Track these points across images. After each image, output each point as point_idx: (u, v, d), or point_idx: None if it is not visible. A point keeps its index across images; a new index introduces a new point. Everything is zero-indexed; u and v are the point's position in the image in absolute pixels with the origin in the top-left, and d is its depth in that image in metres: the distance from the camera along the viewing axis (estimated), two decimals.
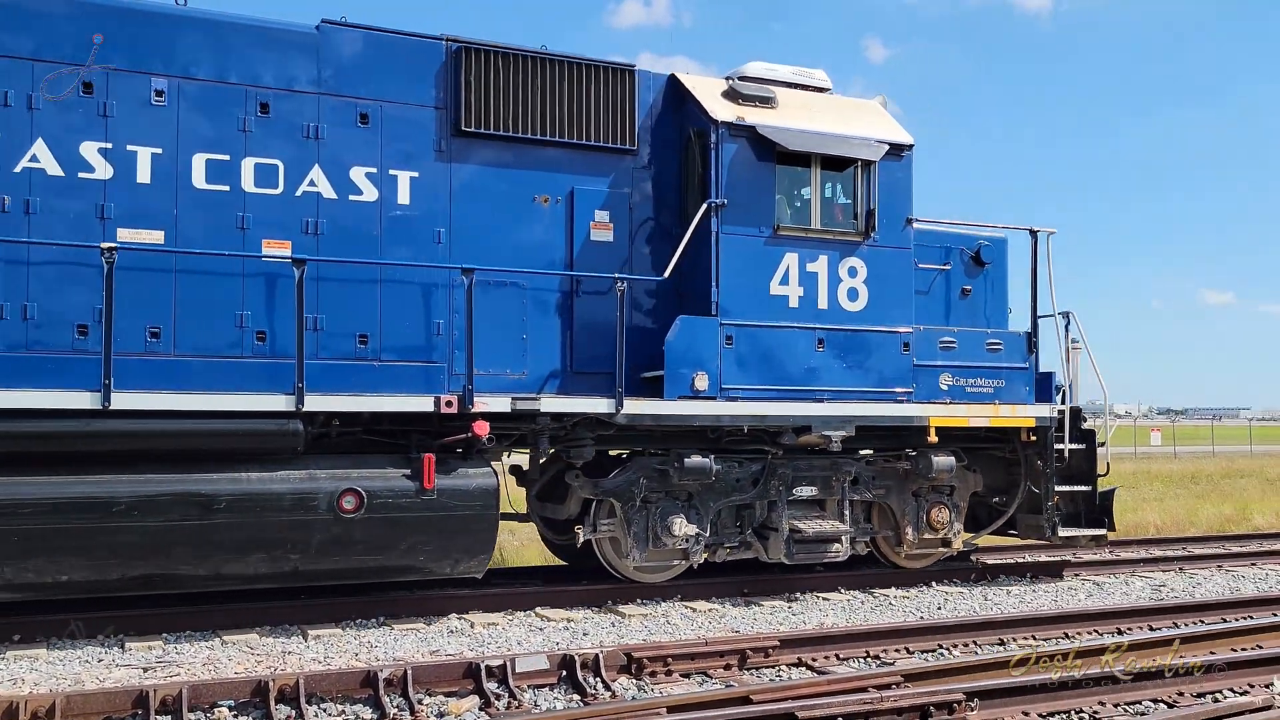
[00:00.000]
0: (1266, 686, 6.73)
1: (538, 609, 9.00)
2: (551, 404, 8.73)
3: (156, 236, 8.00)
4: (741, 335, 9.34)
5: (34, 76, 7.76)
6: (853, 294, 9.84)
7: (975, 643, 7.96)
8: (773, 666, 7.13)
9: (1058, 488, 10.74)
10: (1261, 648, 7.45)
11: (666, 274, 9.19)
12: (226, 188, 8.24)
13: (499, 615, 8.75)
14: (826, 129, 9.79)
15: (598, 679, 6.59)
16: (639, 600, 9.32)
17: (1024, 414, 10.58)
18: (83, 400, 7.40)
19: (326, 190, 8.54)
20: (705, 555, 9.57)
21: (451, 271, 8.78)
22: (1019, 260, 11.17)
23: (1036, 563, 11.65)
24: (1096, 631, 8.38)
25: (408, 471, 8.26)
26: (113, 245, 7.50)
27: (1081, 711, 6.20)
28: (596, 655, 6.70)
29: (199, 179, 8.17)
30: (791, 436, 9.61)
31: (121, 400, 7.43)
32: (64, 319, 7.77)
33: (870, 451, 10.26)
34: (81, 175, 7.86)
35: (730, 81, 9.87)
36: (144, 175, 8.02)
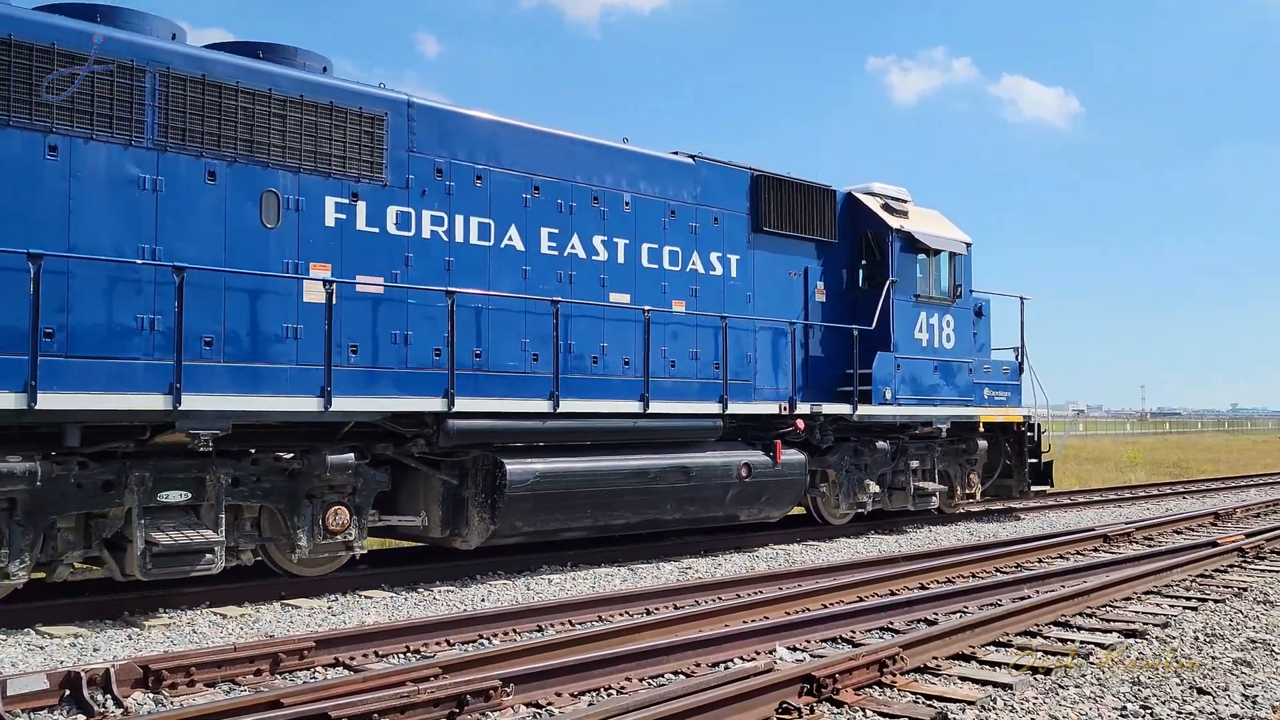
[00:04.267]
0: (770, 653, 7.55)
1: (38, 626, 8.47)
2: (828, 408, 14.31)
3: (625, 298, 12.72)
4: (903, 364, 15.39)
5: (573, 191, 12.26)
6: (948, 338, 16.21)
7: (515, 630, 8.29)
8: (308, 669, 7.08)
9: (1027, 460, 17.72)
10: (767, 618, 8.50)
11: (873, 325, 15.02)
12: (656, 266, 13.10)
13: None
14: (937, 232, 16.10)
15: (108, 696, 6.22)
16: (162, 610, 9.16)
17: (1018, 414, 17.49)
18: (633, 407, 12.11)
19: (699, 268, 13.59)
20: (872, 506, 15.47)
21: (756, 319, 14.08)
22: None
23: (989, 508, 18.57)
24: (628, 613, 9.04)
25: (763, 451, 13.53)
26: (647, 308, 12.25)
27: (610, 687, 6.63)
28: (107, 670, 6.33)
29: (645, 260, 12.98)
30: (920, 428, 15.79)
31: (660, 406, 12.23)
32: (586, 352, 12.31)
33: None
34: (593, 258, 12.46)
35: (881, 198, 15.86)
36: (620, 257, 12.73)
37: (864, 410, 14.69)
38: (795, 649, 7.79)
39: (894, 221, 15.50)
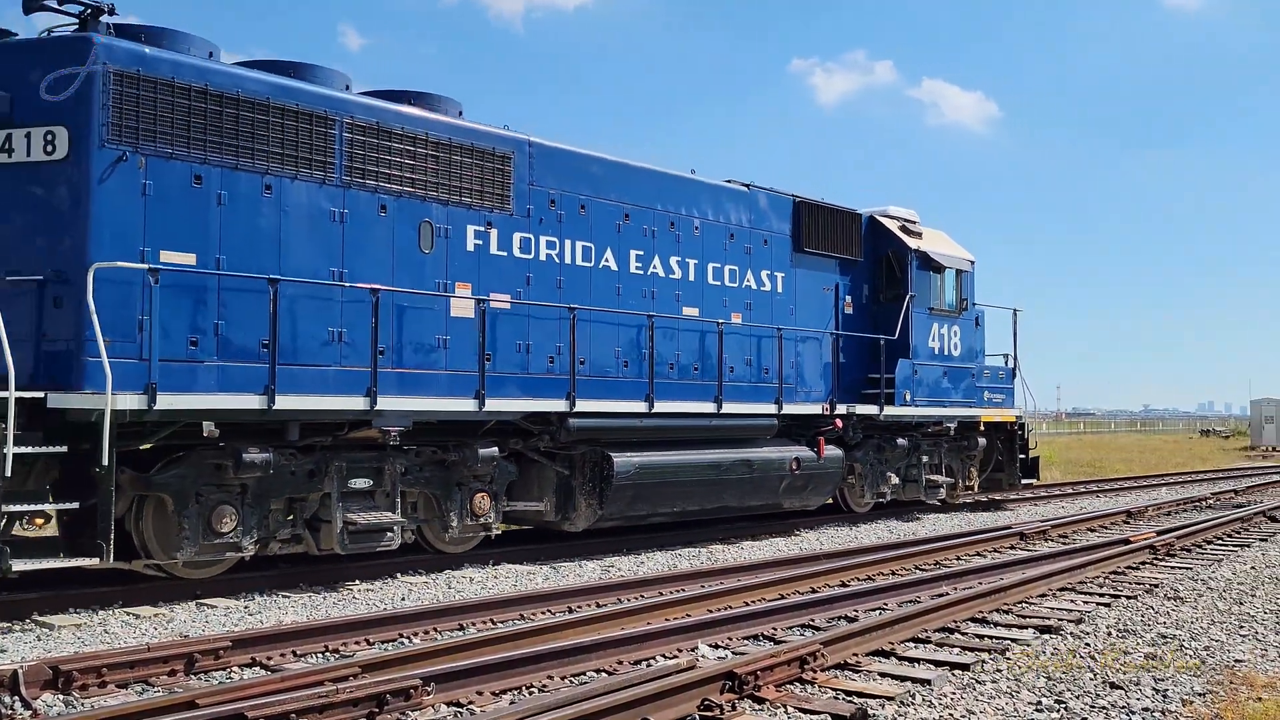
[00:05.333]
0: (692, 650, 7.59)
1: None
2: (859, 409, 16.32)
3: (695, 312, 14.58)
4: (920, 369, 17.47)
5: (654, 218, 14.09)
6: (955, 345, 18.34)
7: (436, 629, 8.24)
8: (224, 669, 7.03)
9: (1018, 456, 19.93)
10: (690, 616, 8.58)
11: (896, 335, 17.06)
12: (719, 283, 15.00)
13: None
14: (947, 251, 18.22)
15: (15, 698, 6.16)
16: (72, 610, 9.07)
17: (1012, 414, 19.69)
18: (709, 408, 14.00)
19: (752, 284, 15.52)
20: (891, 496, 17.51)
21: (799, 330, 16.04)
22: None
23: (992, 499, 20.76)
24: (550, 611, 9.07)
25: (808, 447, 15.49)
26: (720, 321, 14.15)
27: (531, 686, 6.61)
28: (15, 671, 6.26)
29: (709, 278, 14.87)
30: (932, 427, 17.87)
31: (730, 407, 14.13)
32: (664, 359, 14.15)
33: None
34: (670, 276, 14.31)
35: (898, 221, 17.92)
36: (691, 276, 14.60)
37: (889, 411, 16.72)
38: (717, 646, 7.83)
39: (912, 242, 17.57)
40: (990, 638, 8.24)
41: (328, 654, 7.55)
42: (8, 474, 8.19)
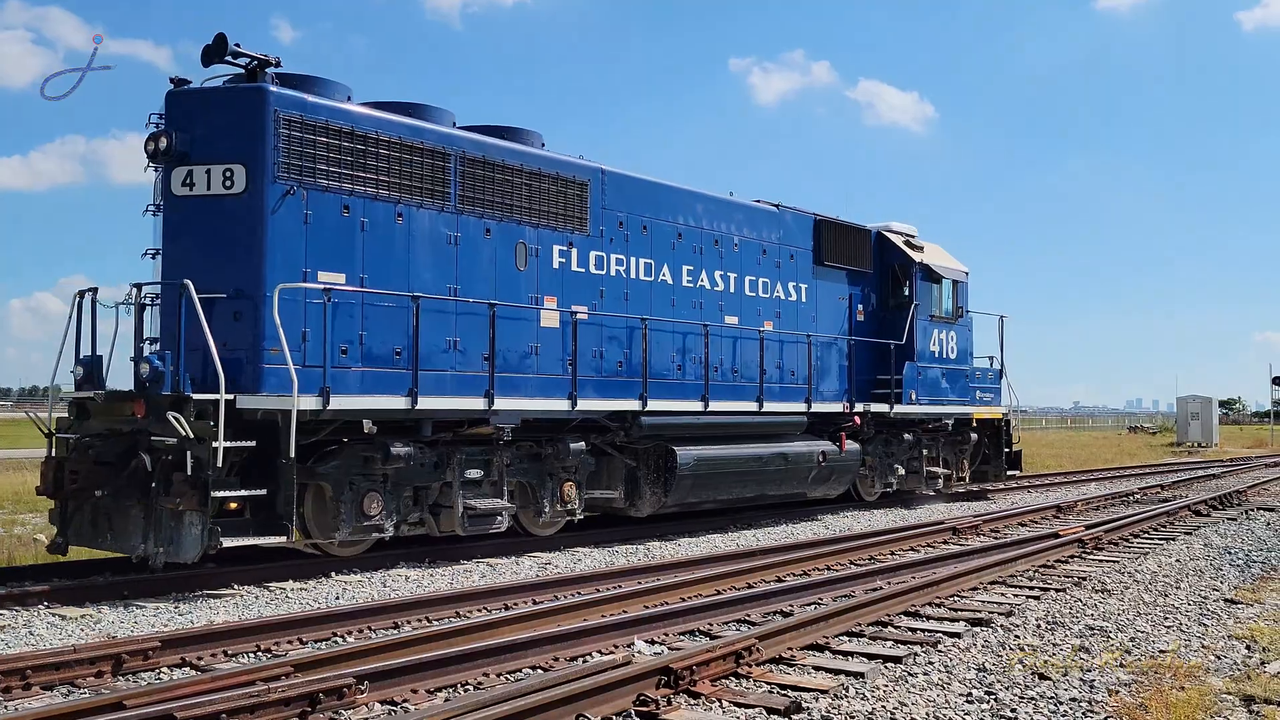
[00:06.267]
0: (629, 646, 7.58)
1: None
2: (873, 407, 18.13)
3: (735, 321, 16.28)
4: (923, 371, 19.34)
5: (701, 236, 15.77)
6: (952, 349, 20.24)
7: (371, 628, 8.23)
8: (154, 669, 6.97)
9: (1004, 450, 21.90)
10: (626, 612, 8.61)
11: (904, 340, 18.90)
12: (754, 294, 16.72)
13: None
14: (946, 264, 20.12)
15: None
16: (8, 607, 9.06)
17: (999, 411, 21.65)
18: (751, 407, 15.71)
19: (781, 295, 17.26)
20: (897, 486, 19.36)
21: (821, 336, 17.80)
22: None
23: (981, 489, 22.70)
24: (486, 609, 9.03)
25: (830, 441, 17.26)
26: (760, 329, 15.86)
27: (467, 684, 6.58)
28: None
29: (746, 289, 16.58)
30: (933, 423, 19.75)
31: (769, 406, 15.85)
32: (710, 363, 15.83)
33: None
34: (714, 289, 15.99)
35: (902, 236, 19.77)
36: (731, 288, 16.30)
37: (898, 409, 18.56)
38: (654, 642, 7.86)
39: (916, 256, 19.44)
40: (923, 631, 8.38)
41: (260, 653, 7.52)
42: (219, 464, 9.66)
